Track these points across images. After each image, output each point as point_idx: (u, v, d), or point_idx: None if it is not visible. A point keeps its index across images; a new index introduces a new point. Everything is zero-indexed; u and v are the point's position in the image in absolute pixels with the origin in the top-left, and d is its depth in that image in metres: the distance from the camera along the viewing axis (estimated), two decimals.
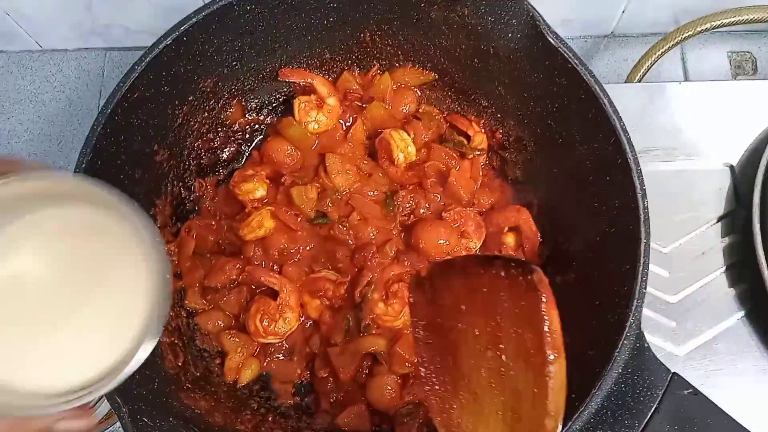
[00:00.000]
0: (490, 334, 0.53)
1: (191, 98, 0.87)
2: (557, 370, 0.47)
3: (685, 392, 0.65)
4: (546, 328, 0.48)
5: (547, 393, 0.47)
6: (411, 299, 0.63)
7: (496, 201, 0.93)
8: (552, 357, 0.47)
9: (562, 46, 0.76)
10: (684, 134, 1.10)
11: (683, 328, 0.98)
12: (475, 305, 0.55)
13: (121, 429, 0.97)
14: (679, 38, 1.17)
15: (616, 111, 0.74)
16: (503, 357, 0.52)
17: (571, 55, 0.76)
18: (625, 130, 0.73)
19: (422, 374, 0.60)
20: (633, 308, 0.68)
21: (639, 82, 1.17)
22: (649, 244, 0.70)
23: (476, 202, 0.92)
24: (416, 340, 0.62)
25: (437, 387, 0.58)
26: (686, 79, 1.31)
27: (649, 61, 1.19)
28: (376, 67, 0.95)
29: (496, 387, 0.52)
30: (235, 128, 0.97)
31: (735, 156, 1.08)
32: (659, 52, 1.18)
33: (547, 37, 0.76)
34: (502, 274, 0.52)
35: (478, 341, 0.54)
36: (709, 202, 1.06)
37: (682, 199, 1.06)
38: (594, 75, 0.75)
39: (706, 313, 0.98)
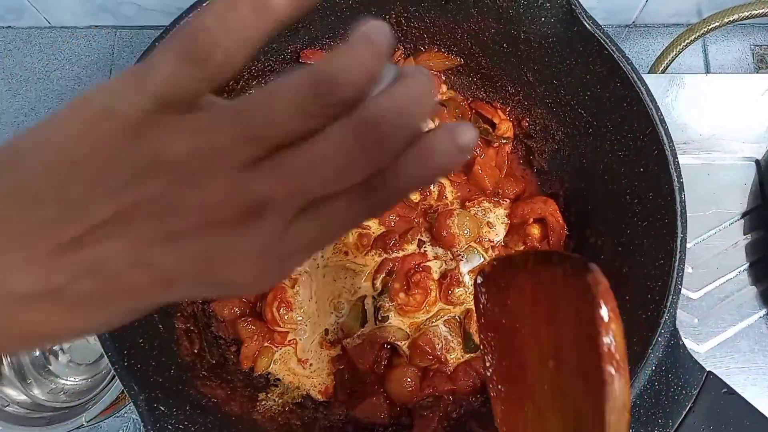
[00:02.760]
0: (552, 342, 0.47)
1: None
2: (617, 392, 0.40)
3: (722, 392, 0.64)
4: (605, 340, 0.40)
5: (605, 420, 0.40)
6: (477, 297, 0.56)
7: (520, 191, 0.90)
8: (610, 376, 0.40)
9: (598, 31, 0.74)
10: (708, 127, 1.08)
11: (705, 325, 0.96)
12: (539, 308, 0.48)
13: (128, 414, 0.97)
14: (706, 29, 1.15)
15: (653, 100, 0.72)
16: (564, 371, 0.45)
17: (608, 41, 0.73)
18: (662, 121, 0.71)
19: (489, 379, 0.54)
20: (668, 304, 0.66)
21: (663, 73, 1.15)
22: (685, 239, 0.68)
23: (501, 191, 0.89)
24: (482, 341, 0.56)
25: (503, 395, 0.53)
26: (707, 71, 1.29)
27: (674, 52, 1.16)
28: (400, 51, 0.93)
29: (558, 406, 0.46)
30: None
31: (760, 151, 1.06)
32: (684, 43, 1.16)
33: (583, 21, 0.74)
34: (561, 273, 0.45)
35: (542, 350, 0.48)
36: (733, 198, 1.04)
37: (705, 194, 1.04)
38: (631, 63, 0.73)
39: (728, 310, 0.97)
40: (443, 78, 0.95)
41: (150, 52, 0.72)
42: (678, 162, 0.70)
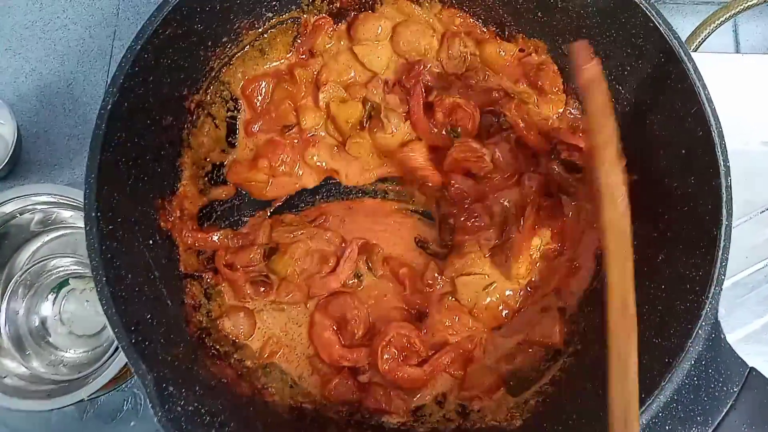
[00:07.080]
0: None
1: (225, 40, 0.79)
2: None
3: (765, 388, 0.60)
4: None
5: None
6: None
7: None
8: None
9: (644, 2, 0.69)
10: (739, 109, 1.03)
11: (732, 315, 0.93)
12: None
13: (129, 388, 0.94)
14: (742, 7, 1.09)
15: (701, 78, 0.67)
16: None
17: (654, 13, 0.68)
18: (710, 101, 0.67)
19: None
20: (710, 295, 0.62)
21: (695, 51, 1.10)
22: (730, 227, 0.64)
23: None
24: None
25: None
26: (737, 51, 1.23)
27: (707, 30, 1.11)
28: None
29: None
30: None
31: None
32: (718, 21, 1.10)
33: None
34: None
35: None
36: (765, 184, 1.00)
37: (735, 180, 0.98)
38: (679, 37, 0.68)
39: (756, 301, 0.93)
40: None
41: (165, 6, 0.67)
42: (725, 145, 0.66)
